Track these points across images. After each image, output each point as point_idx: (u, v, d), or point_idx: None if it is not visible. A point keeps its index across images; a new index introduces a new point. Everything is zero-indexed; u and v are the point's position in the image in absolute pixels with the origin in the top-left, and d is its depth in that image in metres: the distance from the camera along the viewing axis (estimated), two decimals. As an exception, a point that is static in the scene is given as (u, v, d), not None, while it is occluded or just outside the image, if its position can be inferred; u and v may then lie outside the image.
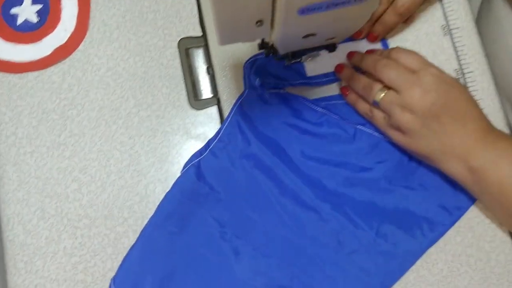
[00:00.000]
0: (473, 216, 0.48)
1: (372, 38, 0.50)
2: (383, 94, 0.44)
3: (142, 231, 0.46)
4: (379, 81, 0.45)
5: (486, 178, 0.42)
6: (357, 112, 0.48)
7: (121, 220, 0.47)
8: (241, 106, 0.48)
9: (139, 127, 0.49)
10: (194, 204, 0.46)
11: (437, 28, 0.52)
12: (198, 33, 0.51)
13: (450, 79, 0.44)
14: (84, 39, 0.50)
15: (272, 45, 0.43)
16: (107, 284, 0.46)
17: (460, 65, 0.52)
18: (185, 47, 0.51)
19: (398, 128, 0.44)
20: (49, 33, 0.51)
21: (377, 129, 0.48)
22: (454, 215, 0.47)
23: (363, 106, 0.47)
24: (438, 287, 0.46)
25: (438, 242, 0.47)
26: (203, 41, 0.51)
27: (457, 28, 0.52)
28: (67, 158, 0.48)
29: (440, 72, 0.44)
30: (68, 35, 0.51)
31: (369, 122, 0.48)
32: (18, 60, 0.50)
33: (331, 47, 0.44)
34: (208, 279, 0.45)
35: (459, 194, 0.47)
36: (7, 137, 0.48)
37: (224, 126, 0.48)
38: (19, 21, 0.51)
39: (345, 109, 0.49)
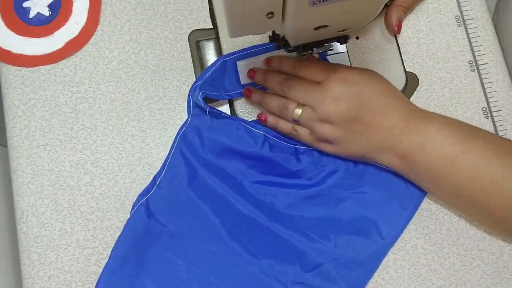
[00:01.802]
0: (487, 209, 0.47)
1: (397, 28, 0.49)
2: (300, 111, 0.44)
3: (99, 278, 0.45)
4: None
5: (417, 164, 0.42)
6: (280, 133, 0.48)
7: (133, 213, 0.47)
8: (184, 135, 0.47)
9: (151, 120, 0.49)
10: (149, 244, 0.46)
11: (451, 19, 0.52)
12: (209, 25, 0.51)
13: (357, 77, 0.43)
14: (95, 33, 0.50)
15: (283, 37, 0.43)
16: (120, 276, 0.46)
17: (474, 57, 0.51)
18: (196, 40, 0.50)
19: (325, 140, 0.44)
20: (61, 27, 0.51)
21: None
22: (409, 210, 0.47)
23: (285, 126, 0.47)
24: (450, 281, 0.46)
25: (451, 236, 0.47)
26: (214, 34, 0.51)
27: (472, 19, 0.52)
28: (79, 151, 0.48)
29: (345, 74, 0.43)
30: (80, 29, 0.51)
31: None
32: (31, 54, 0.50)
33: (343, 39, 0.44)
34: None
35: (410, 188, 0.46)
36: (21, 130, 0.48)
37: (169, 159, 0.47)
38: (31, 14, 0.51)
39: None
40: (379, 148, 0.43)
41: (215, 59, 0.49)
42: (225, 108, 0.50)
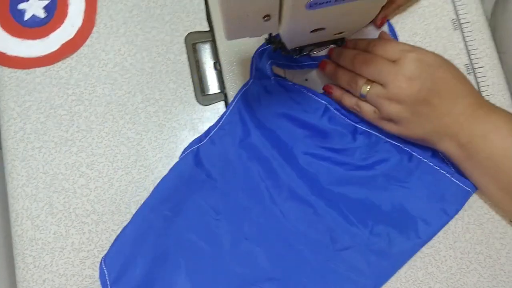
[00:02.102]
0: (483, 213, 0.47)
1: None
2: (368, 88, 0.44)
3: (137, 212, 0.45)
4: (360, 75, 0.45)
5: (476, 152, 0.42)
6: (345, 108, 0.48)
7: (128, 216, 0.47)
8: (244, 95, 0.48)
9: (146, 122, 0.49)
10: (191, 190, 0.46)
11: (447, 22, 0.52)
12: (205, 28, 0.51)
13: (433, 59, 0.43)
14: (91, 35, 0.50)
15: (280, 39, 0.43)
16: (115, 279, 0.46)
17: (470, 60, 0.51)
18: (192, 42, 0.50)
19: (390, 119, 0.44)
20: (57, 29, 0.51)
21: (376, 128, 0.47)
22: (449, 215, 0.46)
23: (349, 101, 0.46)
24: (447, 284, 0.46)
25: (448, 239, 0.47)
26: (210, 36, 0.50)
27: (468, 22, 0.52)
28: (75, 154, 0.48)
29: (421, 54, 0.43)
30: (75, 31, 0.50)
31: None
32: (26, 56, 0.50)
33: (340, 42, 0.44)
34: (198, 266, 0.44)
35: (457, 194, 0.46)
36: (16, 133, 0.48)
37: (226, 114, 0.47)
38: (27, 16, 0.51)
39: None
40: (442, 133, 0.43)
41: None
42: (221, 106, 0.49)
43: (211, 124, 0.49)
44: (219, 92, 0.50)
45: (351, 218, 0.45)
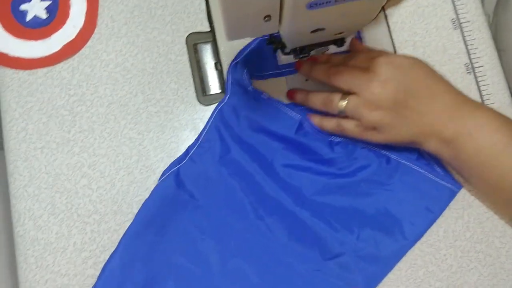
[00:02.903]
0: (483, 211, 0.47)
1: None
2: (345, 102, 0.44)
3: (121, 239, 0.45)
4: (334, 87, 0.45)
5: (463, 150, 0.42)
6: (327, 133, 0.48)
7: (130, 216, 0.47)
8: (221, 111, 0.48)
9: (148, 122, 0.49)
10: (174, 212, 0.46)
11: (447, 22, 0.52)
12: (206, 28, 0.51)
13: (402, 61, 0.43)
14: (93, 35, 0.50)
15: (280, 40, 0.43)
16: (117, 279, 0.46)
17: (470, 59, 0.51)
18: (193, 43, 0.51)
19: (373, 128, 0.44)
20: (58, 29, 0.51)
21: (352, 141, 0.47)
22: (435, 213, 0.47)
23: (330, 124, 0.46)
24: (447, 283, 0.46)
25: (448, 238, 0.47)
26: (211, 37, 0.51)
27: (468, 21, 0.52)
28: (77, 154, 0.48)
29: (391, 57, 0.43)
30: (77, 31, 0.51)
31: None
32: (28, 57, 0.50)
33: (340, 42, 0.44)
34: (188, 287, 0.44)
35: (440, 191, 0.47)
36: (18, 133, 0.48)
37: (204, 132, 0.47)
38: (28, 17, 0.51)
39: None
40: (427, 133, 0.43)
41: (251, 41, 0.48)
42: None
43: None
44: (220, 92, 0.50)
45: (336, 225, 0.46)
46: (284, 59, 0.49)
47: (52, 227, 0.47)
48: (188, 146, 0.47)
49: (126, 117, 0.49)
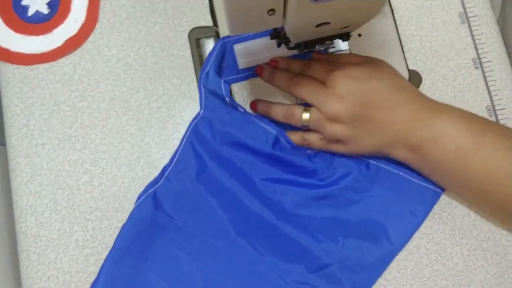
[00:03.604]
0: (490, 209, 0.47)
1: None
2: (307, 115, 0.43)
3: (102, 267, 0.44)
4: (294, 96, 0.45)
5: (429, 156, 0.42)
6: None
7: (132, 212, 0.47)
8: (195, 128, 0.47)
9: (150, 118, 0.49)
10: (155, 235, 0.45)
11: (454, 16, 0.51)
12: (209, 22, 0.50)
13: (361, 73, 0.43)
14: (94, 30, 0.50)
15: (284, 34, 0.42)
16: (119, 276, 0.46)
17: (477, 54, 0.50)
18: (196, 37, 0.50)
19: (337, 141, 0.44)
20: (60, 24, 0.50)
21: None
22: (419, 216, 0.46)
23: (294, 138, 0.46)
24: (453, 281, 0.46)
25: (454, 236, 0.46)
26: (214, 31, 0.50)
27: (475, 16, 0.51)
28: (78, 151, 0.48)
29: (347, 70, 0.43)
30: (79, 26, 0.50)
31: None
32: (29, 52, 0.50)
33: (345, 36, 0.43)
34: None
35: (422, 194, 0.46)
36: (19, 129, 0.48)
37: (179, 151, 0.47)
38: (30, 12, 0.50)
39: None
40: (391, 142, 0.43)
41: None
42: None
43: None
44: (223, 88, 0.49)
45: (320, 237, 0.45)
46: (243, 63, 0.48)
47: (54, 224, 0.46)
48: (164, 166, 0.47)
49: (128, 113, 0.49)
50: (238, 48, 0.48)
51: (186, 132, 0.47)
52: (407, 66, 0.50)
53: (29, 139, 0.48)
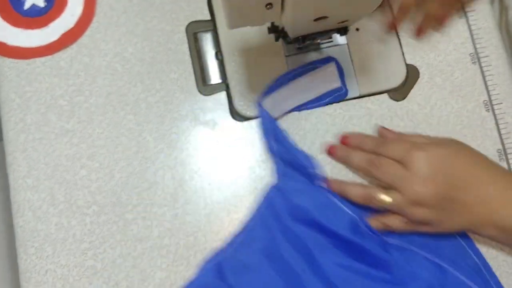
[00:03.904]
0: None
1: (419, 32, 0.48)
2: (389, 200, 0.42)
3: None
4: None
5: None
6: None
7: (130, 207, 0.47)
8: (269, 199, 0.46)
9: (147, 113, 0.48)
10: None
11: (452, 11, 0.51)
12: (207, 17, 0.50)
13: (444, 152, 0.42)
14: (91, 24, 0.50)
15: (282, 28, 0.42)
16: (117, 271, 0.46)
17: (475, 49, 0.50)
18: (193, 32, 0.50)
19: (423, 224, 0.43)
20: (56, 18, 0.50)
21: (408, 242, 0.45)
22: None
23: (376, 224, 0.44)
24: None
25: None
26: (211, 25, 0.50)
27: (473, 10, 0.51)
28: (76, 145, 0.48)
29: (426, 150, 0.42)
30: (76, 20, 0.50)
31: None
32: (26, 46, 0.50)
33: (343, 31, 0.43)
34: None
35: None
36: (16, 124, 0.48)
37: (251, 222, 0.45)
38: (26, 6, 0.50)
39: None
40: (480, 222, 0.42)
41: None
42: (223, 96, 0.49)
43: (213, 114, 0.48)
44: (221, 82, 0.49)
45: None
46: (277, 113, 0.48)
47: (52, 218, 0.46)
48: (235, 236, 0.46)
49: (125, 107, 0.48)
50: (266, 102, 0.47)
51: (260, 203, 0.46)
52: (405, 60, 0.50)
53: (26, 133, 0.48)
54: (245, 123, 0.49)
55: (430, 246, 0.45)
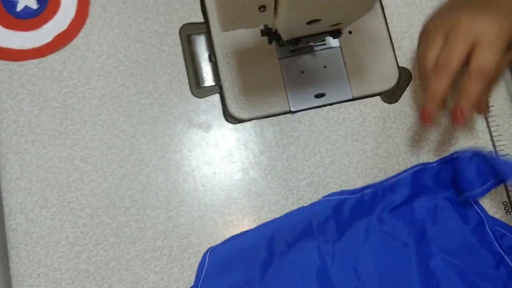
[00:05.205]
0: None
1: (457, 120, 0.41)
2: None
3: None
4: None
5: None
6: None
7: (123, 210, 0.47)
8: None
9: (141, 115, 0.48)
10: None
11: (444, 14, 0.51)
12: (200, 19, 0.50)
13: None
14: (85, 26, 0.50)
15: (276, 31, 0.42)
16: (110, 273, 0.46)
17: (467, 51, 0.51)
18: (187, 34, 0.50)
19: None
20: (49, 20, 0.50)
21: None
22: None
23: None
24: None
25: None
26: (205, 28, 0.50)
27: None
28: (69, 147, 0.47)
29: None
30: (69, 22, 0.50)
31: None
32: (18, 48, 0.49)
33: (336, 34, 0.43)
34: None
35: None
36: (9, 126, 0.48)
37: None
38: (19, 7, 0.50)
39: None
40: None
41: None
42: (216, 98, 0.49)
43: (206, 116, 0.48)
44: (214, 85, 0.49)
45: None
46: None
47: (44, 221, 0.46)
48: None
49: (119, 109, 0.48)
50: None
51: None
52: (397, 63, 0.50)
53: (19, 135, 0.47)
54: (239, 125, 0.49)
55: None
